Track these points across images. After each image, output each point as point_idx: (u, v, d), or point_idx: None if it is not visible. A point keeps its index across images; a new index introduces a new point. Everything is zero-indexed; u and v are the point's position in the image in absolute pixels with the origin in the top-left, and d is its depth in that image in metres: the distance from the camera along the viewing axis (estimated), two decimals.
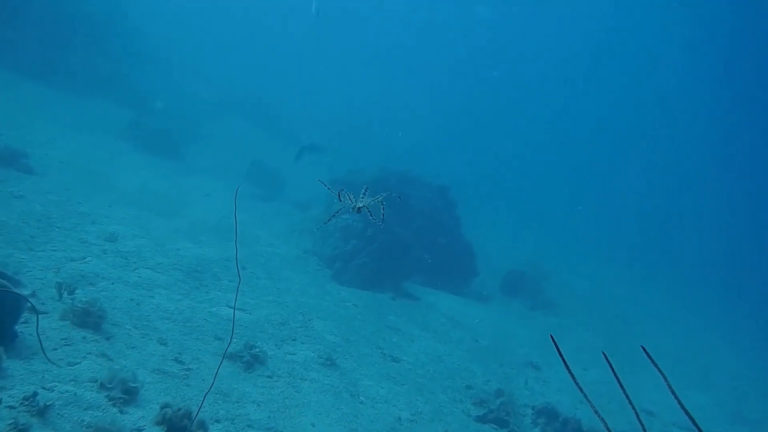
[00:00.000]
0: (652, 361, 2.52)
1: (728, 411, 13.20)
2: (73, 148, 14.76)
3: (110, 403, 5.42)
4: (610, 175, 53.96)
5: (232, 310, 9.18)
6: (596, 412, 3.09)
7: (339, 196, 3.98)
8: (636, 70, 59.74)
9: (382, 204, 4.08)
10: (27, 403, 4.81)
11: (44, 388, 5.20)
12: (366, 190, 3.99)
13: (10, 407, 4.77)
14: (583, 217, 37.85)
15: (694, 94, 55.93)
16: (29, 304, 5.63)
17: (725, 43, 48.19)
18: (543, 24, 62.09)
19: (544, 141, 55.90)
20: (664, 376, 2.45)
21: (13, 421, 4.56)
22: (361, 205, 3.94)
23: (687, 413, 2.61)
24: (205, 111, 26.18)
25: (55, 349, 5.94)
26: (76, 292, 7.27)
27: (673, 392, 2.50)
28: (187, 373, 6.75)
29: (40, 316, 6.39)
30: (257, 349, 7.84)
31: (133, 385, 5.70)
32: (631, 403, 2.80)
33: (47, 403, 4.91)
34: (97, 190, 12.27)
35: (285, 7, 51.79)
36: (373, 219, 4.00)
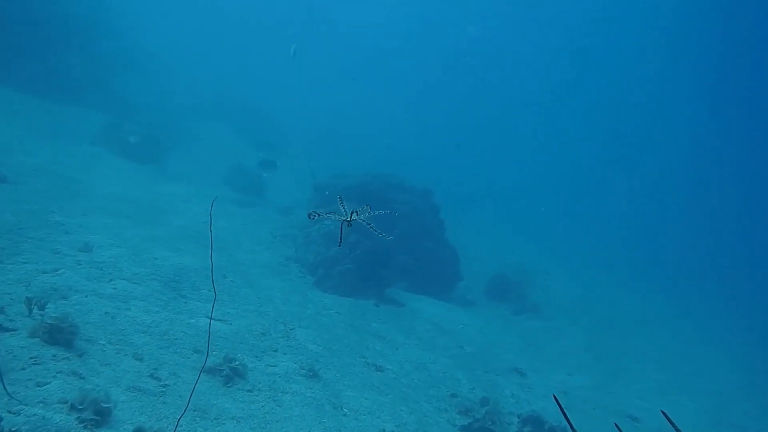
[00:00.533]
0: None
1: (712, 415, 13.24)
2: (48, 154, 14.41)
3: (81, 425, 5.20)
4: (596, 180, 54.28)
5: (212, 321, 8.97)
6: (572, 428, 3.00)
7: (328, 212, 3.92)
8: (624, 76, 60.31)
9: (369, 222, 4.02)
10: None
11: (10, 412, 4.96)
12: (355, 211, 3.93)
13: None
14: (568, 222, 38.04)
15: (681, 99, 56.56)
16: None
17: (709, 49, 48.78)
18: (530, 31, 62.51)
19: (530, 146, 56.15)
20: None
21: None
22: (350, 219, 3.90)
23: None
24: (187, 116, 25.85)
25: (24, 369, 5.69)
26: (47, 306, 7.01)
27: None
28: (164, 389, 6.53)
29: (8, 333, 6.15)
30: (237, 362, 7.63)
31: (106, 405, 5.47)
32: None
33: (13, 429, 4.68)
34: (73, 198, 11.96)
35: (272, 12, 51.54)
36: (371, 228, 3.98)
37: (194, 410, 6.43)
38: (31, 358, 5.94)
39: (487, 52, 61.99)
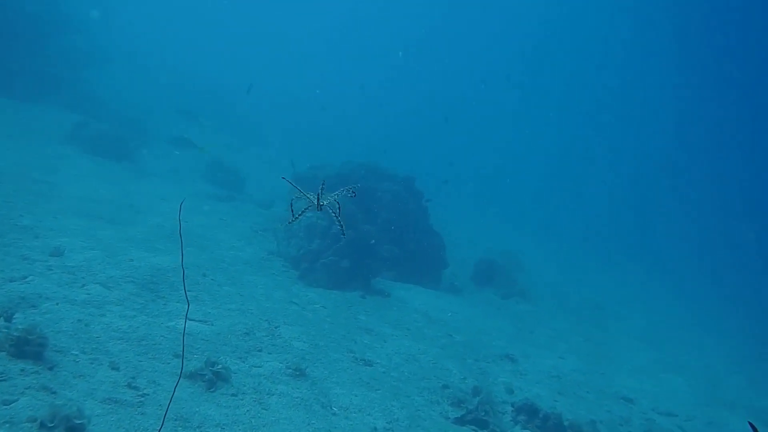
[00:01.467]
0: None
1: (704, 393, 13.23)
2: (11, 156, 13.84)
3: None
4: (576, 163, 54.41)
5: (192, 323, 8.64)
6: None
7: (293, 201, 3.71)
8: (606, 57, 60.33)
9: (337, 203, 3.77)
10: None
11: None
12: (323, 184, 3.69)
13: None
14: (549, 205, 38.12)
15: (660, 83, 56.72)
16: None
17: (697, 23, 48.87)
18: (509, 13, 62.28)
19: (511, 129, 56.05)
20: None
21: None
22: (322, 202, 3.64)
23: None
24: (161, 111, 25.21)
25: None
26: (14, 317, 6.62)
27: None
28: (142, 399, 6.20)
29: None
30: (220, 366, 7.31)
31: (79, 421, 5.14)
32: None
33: None
34: (41, 201, 11.47)
35: (246, 4, 50.59)
36: (336, 217, 3.72)
37: (175, 419, 6.12)
38: None
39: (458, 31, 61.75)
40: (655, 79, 57.24)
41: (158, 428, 5.63)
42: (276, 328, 9.56)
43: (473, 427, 8.55)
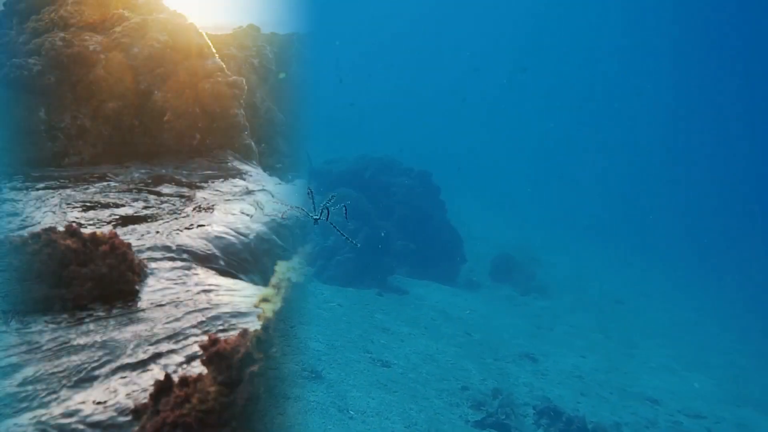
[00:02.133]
0: None
1: (731, 392, 12.78)
2: None
3: None
4: (584, 154, 53.55)
5: None
6: None
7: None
8: (602, 48, 59.37)
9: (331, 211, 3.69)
10: None
11: None
12: (332, 198, 3.61)
13: None
14: (560, 199, 37.56)
15: (664, 73, 55.66)
16: None
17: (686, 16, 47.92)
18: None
19: (518, 124, 55.37)
20: None
21: None
22: (317, 217, 3.55)
23: None
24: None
25: None
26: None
27: None
28: None
29: None
30: None
31: None
32: None
33: None
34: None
35: None
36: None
37: None
38: None
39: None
40: (653, 72, 56.40)
41: None
42: (291, 328, 9.36)
43: (494, 431, 8.30)
